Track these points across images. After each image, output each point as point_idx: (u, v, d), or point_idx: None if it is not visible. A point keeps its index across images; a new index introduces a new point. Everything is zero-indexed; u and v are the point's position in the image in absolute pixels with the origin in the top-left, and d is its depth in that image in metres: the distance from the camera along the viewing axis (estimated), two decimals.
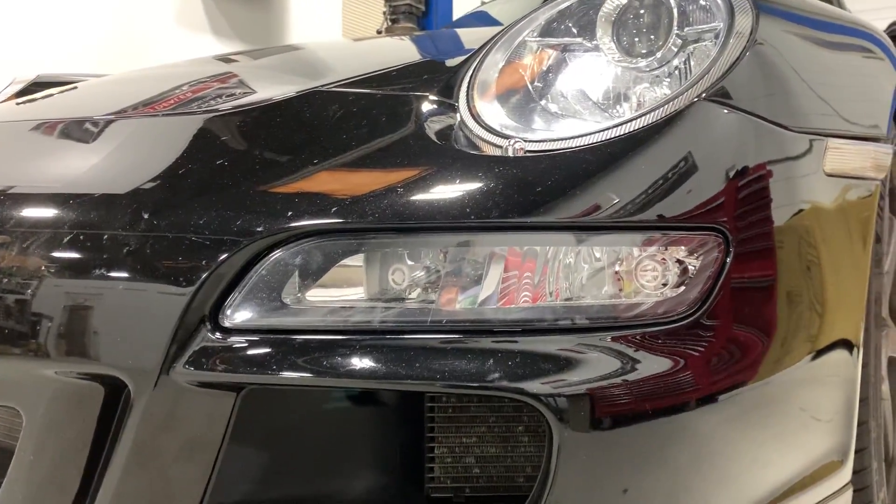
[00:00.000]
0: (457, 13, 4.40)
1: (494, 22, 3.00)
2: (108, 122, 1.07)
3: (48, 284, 0.86)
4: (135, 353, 0.83)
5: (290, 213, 0.84)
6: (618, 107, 1.07)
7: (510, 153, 0.91)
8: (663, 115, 0.95)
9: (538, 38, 1.13)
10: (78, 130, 1.07)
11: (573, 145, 0.93)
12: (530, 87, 1.09)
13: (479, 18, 3.18)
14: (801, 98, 1.10)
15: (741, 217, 0.95)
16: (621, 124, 0.95)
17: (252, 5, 4.99)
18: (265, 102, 1.07)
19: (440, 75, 1.14)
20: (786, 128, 1.03)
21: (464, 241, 0.85)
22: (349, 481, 0.96)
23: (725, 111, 0.99)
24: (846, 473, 1.15)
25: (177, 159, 0.94)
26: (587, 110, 1.06)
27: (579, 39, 1.12)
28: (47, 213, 0.89)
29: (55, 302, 0.85)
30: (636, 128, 0.94)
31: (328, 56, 1.70)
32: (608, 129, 0.94)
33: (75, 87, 1.46)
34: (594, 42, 1.11)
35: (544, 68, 1.11)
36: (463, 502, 0.96)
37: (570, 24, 1.14)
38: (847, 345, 1.13)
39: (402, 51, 1.69)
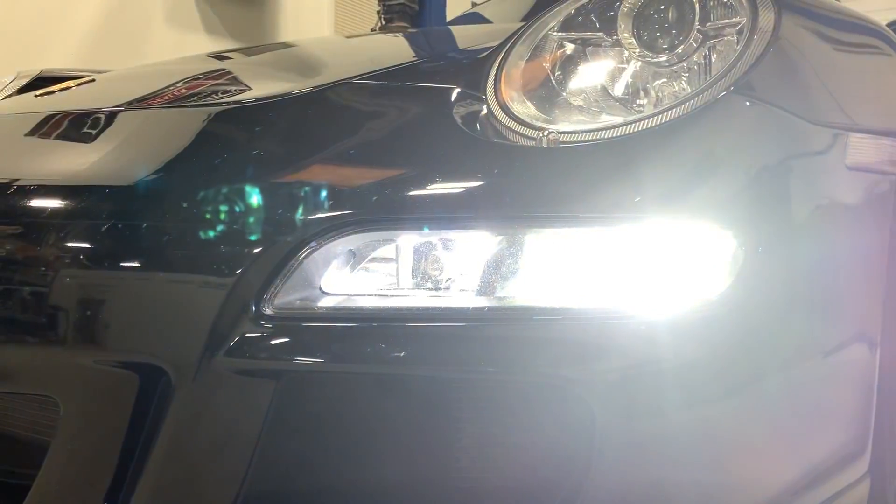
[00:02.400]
0: (450, 12, 4.41)
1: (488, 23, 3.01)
2: (138, 114, 1.07)
3: (87, 275, 0.86)
4: (175, 342, 0.83)
5: (330, 204, 0.84)
6: (637, 101, 1.08)
7: (544, 144, 0.92)
8: (692, 108, 0.96)
9: (561, 33, 1.14)
10: (105, 122, 1.07)
11: (606, 136, 0.94)
12: (554, 79, 1.10)
13: (472, 20, 3.19)
14: (822, 93, 1.12)
15: (768, 209, 0.96)
16: (652, 116, 0.95)
17: (244, 4, 4.98)
18: (298, 93, 1.07)
19: (464, 69, 1.15)
20: (809, 122, 1.05)
21: (502, 232, 0.86)
22: (378, 470, 0.96)
23: (751, 105, 1.00)
24: (864, 463, 1.17)
25: (212, 150, 0.95)
26: (608, 104, 1.07)
27: (601, 34, 1.13)
28: (84, 203, 0.89)
29: (95, 292, 0.85)
30: (667, 119, 0.95)
31: (324, 53, 1.70)
32: (640, 120, 0.95)
33: (93, 80, 1.46)
34: (615, 37, 1.11)
35: (567, 62, 1.12)
36: (490, 491, 0.97)
37: (593, 18, 1.15)
38: (867, 337, 1.14)
39: (398, 47, 1.70)
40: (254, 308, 0.83)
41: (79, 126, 1.06)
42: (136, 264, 0.84)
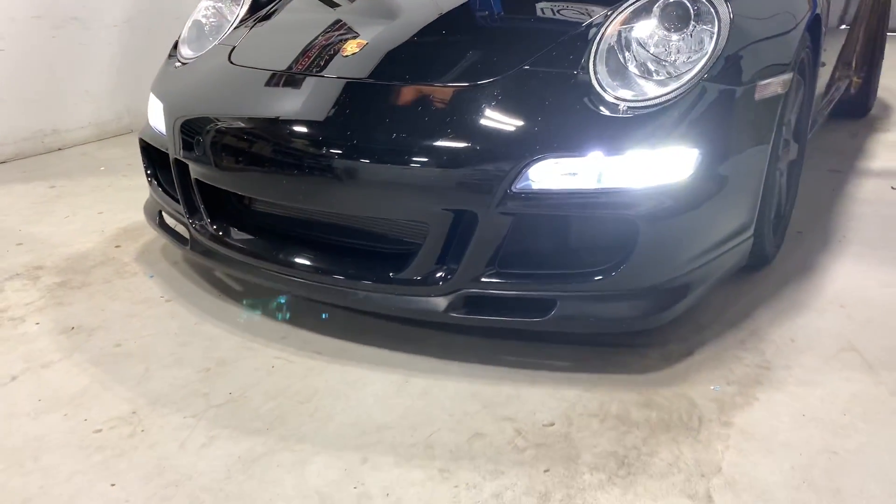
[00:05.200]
0: None
1: None
2: (444, 90, 2.29)
3: (448, 174, 2.13)
4: (479, 201, 2.11)
5: (535, 144, 2.08)
6: (663, 58, 2.25)
7: (621, 114, 2.14)
8: (683, 91, 2.16)
9: (623, 25, 2.30)
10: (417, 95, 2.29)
11: (648, 104, 2.15)
12: (622, 57, 2.27)
13: None
14: (746, 63, 2.30)
15: (714, 137, 2.20)
16: (668, 94, 2.16)
17: None
18: (499, 78, 2.26)
19: (577, 54, 2.30)
20: (738, 86, 2.26)
21: (602, 159, 2.10)
22: (564, 248, 2.28)
23: (710, 83, 2.19)
24: (751, 229, 2.53)
25: (477, 116, 2.18)
26: (648, 60, 2.26)
27: (642, 22, 2.29)
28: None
29: (443, 177, 2.13)
30: (674, 96, 2.15)
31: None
32: (669, 92, 2.14)
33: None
34: (646, 21, 2.28)
35: (627, 42, 2.28)
36: (591, 257, 2.28)
37: (641, 11, 2.30)
38: (760, 169, 2.45)
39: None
40: (507, 190, 2.10)
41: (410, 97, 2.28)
42: (461, 165, 2.11)
